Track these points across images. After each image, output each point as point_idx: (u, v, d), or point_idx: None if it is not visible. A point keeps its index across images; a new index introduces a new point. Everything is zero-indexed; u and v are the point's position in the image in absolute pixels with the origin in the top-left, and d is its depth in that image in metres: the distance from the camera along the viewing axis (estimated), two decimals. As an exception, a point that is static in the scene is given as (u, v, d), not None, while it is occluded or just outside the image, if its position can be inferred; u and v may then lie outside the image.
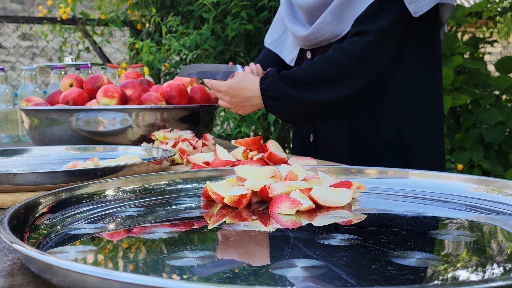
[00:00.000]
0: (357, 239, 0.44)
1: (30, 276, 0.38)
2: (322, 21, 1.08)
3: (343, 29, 1.07)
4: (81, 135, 1.16)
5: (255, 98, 1.08)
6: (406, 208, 0.58)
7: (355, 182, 0.61)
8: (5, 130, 1.63)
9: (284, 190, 0.57)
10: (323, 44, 1.13)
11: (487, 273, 0.36)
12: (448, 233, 0.46)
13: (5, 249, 0.45)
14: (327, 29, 1.08)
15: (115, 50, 4.20)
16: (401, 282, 0.33)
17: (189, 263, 0.38)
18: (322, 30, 1.09)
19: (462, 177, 0.61)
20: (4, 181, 0.66)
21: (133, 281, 0.28)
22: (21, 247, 0.34)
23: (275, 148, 0.86)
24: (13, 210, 0.45)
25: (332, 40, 1.10)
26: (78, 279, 0.30)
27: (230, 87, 1.09)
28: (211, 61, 2.56)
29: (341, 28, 1.07)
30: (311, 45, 1.15)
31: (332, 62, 1.04)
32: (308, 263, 0.37)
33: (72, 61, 1.85)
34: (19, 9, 4.86)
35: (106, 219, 0.53)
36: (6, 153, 0.99)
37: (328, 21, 1.07)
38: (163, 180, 0.66)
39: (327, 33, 1.09)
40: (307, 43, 1.15)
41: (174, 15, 2.83)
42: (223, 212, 0.56)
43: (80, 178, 0.69)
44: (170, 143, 1.00)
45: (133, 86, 1.25)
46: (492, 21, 3.39)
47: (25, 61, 4.68)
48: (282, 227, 0.50)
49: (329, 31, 1.09)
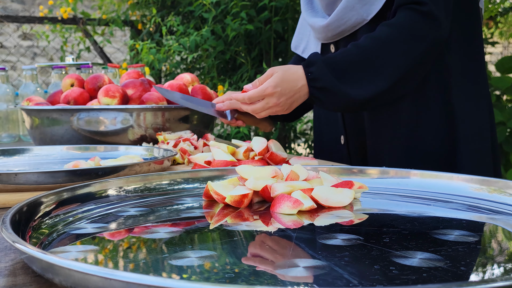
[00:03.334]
0: (359, 239, 0.44)
1: (32, 276, 0.38)
2: (345, 6, 0.98)
3: (369, 12, 0.97)
4: (82, 135, 1.16)
5: (303, 88, 0.94)
6: (407, 208, 0.58)
7: (357, 182, 0.61)
8: (6, 130, 1.63)
9: (286, 190, 0.57)
10: (346, 33, 1.03)
11: (488, 273, 0.36)
12: (449, 233, 0.46)
13: (7, 248, 0.45)
14: (351, 14, 0.98)
15: (116, 50, 4.20)
16: (403, 282, 0.33)
17: (190, 263, 0.38)
18: (346, 16, 0.99)
19: (463, 177, 0.61)
20: (6, 180, 0.66)
21: (135, 281, 0.28)
22: (23, 246, 0.34)
23: (276, 148, 0.86)
24: (14, 209, 0.45)
25: (356, 27, 1.00)
26: (81, 278, 0.30)
27: (276, 85, 0.92)
28: (211, 61, 2.55)
29: (367, 11, 0.97)
30: (332, 36, 1.05)
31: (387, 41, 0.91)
32: (310, 263, 0.37)
33: (73, 60, 1.85)
34: (20, 9, 4.86)
35: (108, 218, 0.53)
36: (7, 152, 0.99)
37: (352, 5, 0.97)
38: (165, 180, 0.66)
39: (351, 19, 0.99)
40: (328, 33, 1.05)
41: (174, 15, 2.83)
42: (225, 212, 0.56)
43: (81, 177, 0.69)
44: (171, 143, 1.00)
45: (134, 86, 1.25)
46: (493, 22, 3.38)
47: (26, 61, 4.68)
48: (284, 227, 0.50)
49: (354, 16, 0.98)
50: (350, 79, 0.92)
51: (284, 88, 0.92)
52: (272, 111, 0.95)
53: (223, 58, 2.60)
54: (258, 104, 0.94)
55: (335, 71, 0.92)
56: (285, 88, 0.93)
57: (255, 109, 0.95)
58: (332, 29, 1.02)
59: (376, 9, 0.96)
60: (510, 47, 4.34)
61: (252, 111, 0.95)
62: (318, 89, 0.93)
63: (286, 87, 0.93)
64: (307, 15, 1.10)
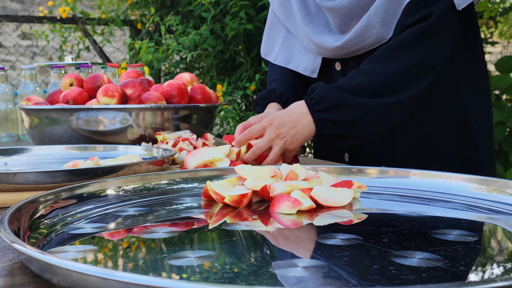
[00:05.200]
0: (358, 239, 0.44)
1: (30, 276, 0.37)
2: (366, 24, 0.93)
3: (389, 31, 0.93)
4: (81, 135, 1.16)
5: (304, 115, 0.87)
6: (407, 208, 0.57)
7: (356, 182, 0.61)
8: (5, 129, 1.63)
9: (285, 190, 0.57)
10: (360, 52, 0.98)
11: (488, 273, 0.36)
12: (449, 233, 0.45)
13: (5, 248, 0.45)
14: (371, 32, 0.93)
15: (115, 49, 4.20)
16: (403, 282, 0.33)
17: (189, 263, 0.38)
18: (365, 34, 0.94)
19: (463, 176, 0.61)
20: (4, 180, 0.66)
21: (134, 281, 0.28)
22: (21, 246, 0.34)
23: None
24: (13, 209, 0.45)
25: (373, 46, 0.96)
26: (79, 279, 0.30)
27: (273, 117, 0.86)
28: (210, 61, 2.55)
29: (387, 30, 0.93)
30: (344, 54, 1.00)
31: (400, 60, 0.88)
32: (309, 263, 0.37)
33: (72, 60, 1.85)
34: (19, 8, 4.86)
35: (107, 218, 0.53)
36: (6, 152, 0.98)
37: (373, 24, 0.92)
38: (164, 180, 0.66)
39: (371, 37, 0.94)
40: (341, 52, 0.99)
41: (173, 14, 2.83)
42: (224, 211, 0.56)
43: (80, 177, 0.69)
44: (170, 143, 1.00)
45: (133, 85, 1.25)
46: (493, 21, 3.38)
47: (25, 60, 4.67)
48: (283, 226, 0.50)
49: (374, 34, 0.93)
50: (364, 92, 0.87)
51: (281, 117, 0.86)
52: (278, 146, 0.86)
53: (222, 58, 2.60)
54: (261, 140, 0.86)
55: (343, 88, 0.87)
56: (282, 117, 0.86)
57: (260, 147, 0.86)
58: (347, 48, 0.97)
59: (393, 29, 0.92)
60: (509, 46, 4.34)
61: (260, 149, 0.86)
62: (325, 111, 0.86)
63: (283, 116, 0.86)
64: (309, 30, 1.03)
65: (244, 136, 0.87)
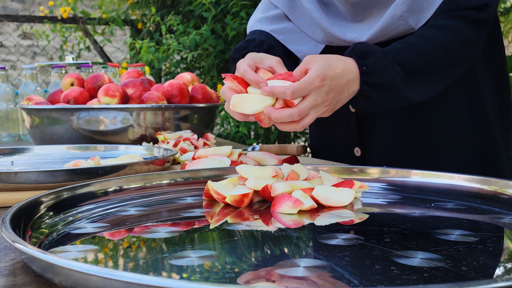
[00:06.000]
0: (359, 238, 0.44)
1: (32, 276, 0.37)
2: (392, 15, 0.85)
3: (418, 20, 0.85)
4: (82, 134, 1.16)
5: (354, 82, 0.74)
6: (408, 208, 0.57)
7: (357, 182, 0.61)
8: (6, 129, 1.63)
9: (286, 190, 0.57)
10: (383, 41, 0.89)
11: (489, 273, 0.36)
12: (450, 233, 0.45)
13: (7, 248, 0.45)
14: (399, 23, 0.85)
15: (116, 49, 4.20)
16: (404, 282, 0.33)
17: (190, 263, 0.38)
18: (392, 25, 0.86)
19: (464, 177, 0.61)
20: (6, 180, 0.66)
21: (135, 281, 0.28)
22: (23, 246, 0.34)
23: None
24: (14, 209, 0.45)
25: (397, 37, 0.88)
26: (80, 278, 0.30)
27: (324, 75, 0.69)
28: (211, 60, 2.55)
29: (416, 19, 0.85)
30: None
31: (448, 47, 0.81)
32: (310, 263, 0.37)
33: (73, 60, 1.85)
34: (20, 8, 4.86)
35: (108, 218, 0.53)
36: (6, 152, 0.98)
37: (400, 14, 0.84)
38: (165, 179, 0.66)
39: (398, 28, 0.86)
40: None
41: (174, 14, 2.83)
42: (225, 211, 0.56)
43: (81, 177, 0.69)
44: (171, 143, 1.00)
45: (134, 85, 1.25)
46: (493, 21, 3.38)
47: (26, 60, 4.67)
48: (284, 226, 0.49)
49: (402, 25, 0.86)
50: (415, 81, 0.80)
51: (332, 79, 0.70)
52: (318, 113, 0.70)
53: (223, 58, 2.60)
54: (304, 103, 0.68)
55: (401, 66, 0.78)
56: (334, 80, 0.70)
57: (302, 110, 0.67)
58: (372, 40, 0.89)
59: (426, 17, 0.85)
60: (510, 46, 4.34)
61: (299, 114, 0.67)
62: (371, 86, 0.75)
63: (334, 79, 0.70)
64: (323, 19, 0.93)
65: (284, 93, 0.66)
